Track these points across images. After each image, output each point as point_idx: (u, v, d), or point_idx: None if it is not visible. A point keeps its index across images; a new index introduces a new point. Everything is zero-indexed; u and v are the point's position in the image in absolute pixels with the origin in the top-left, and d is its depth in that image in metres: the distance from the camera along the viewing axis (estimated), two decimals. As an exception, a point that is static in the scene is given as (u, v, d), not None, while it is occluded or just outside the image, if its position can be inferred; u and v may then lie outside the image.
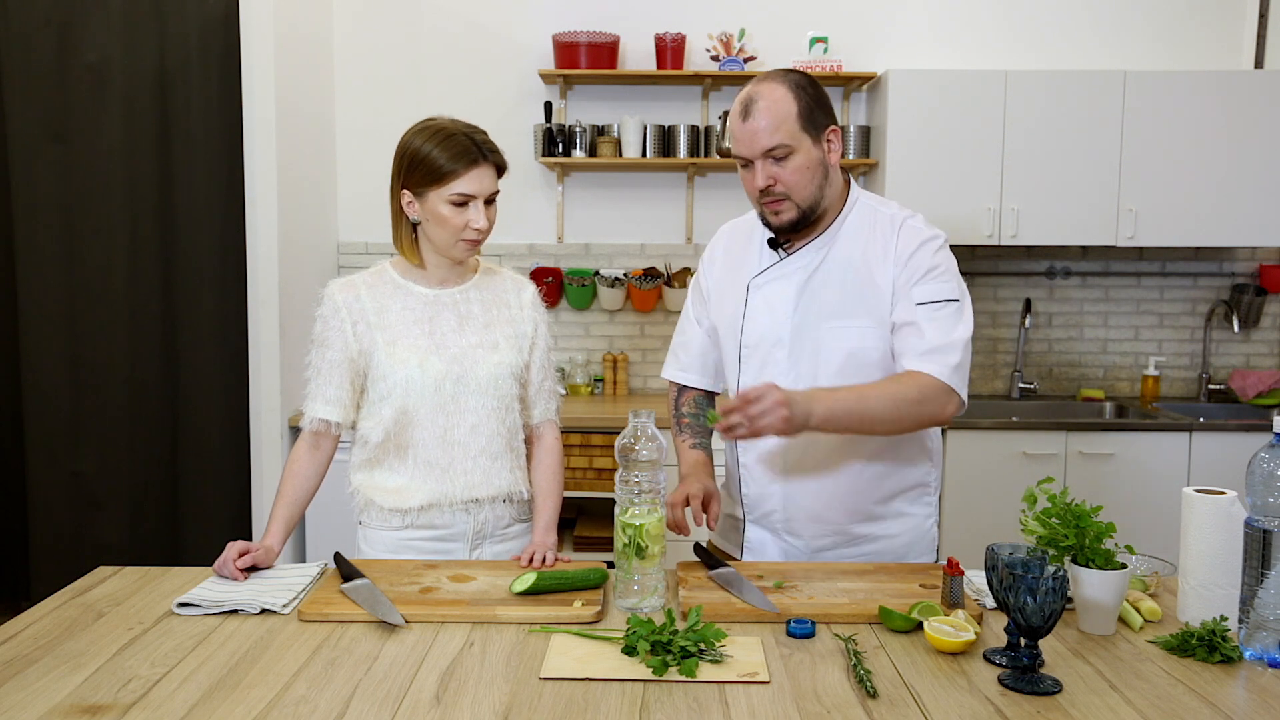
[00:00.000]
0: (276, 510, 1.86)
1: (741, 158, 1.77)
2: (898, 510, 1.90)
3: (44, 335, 3.59)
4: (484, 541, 1.93)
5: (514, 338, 1.93)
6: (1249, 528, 1.41)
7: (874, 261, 1.79)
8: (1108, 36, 4.06)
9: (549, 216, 4.14)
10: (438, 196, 1.79)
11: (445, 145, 1.78)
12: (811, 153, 1.74)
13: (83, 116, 3.53)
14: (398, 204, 1.86)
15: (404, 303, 1.89)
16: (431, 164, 1.78)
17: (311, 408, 1.88)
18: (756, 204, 1.81)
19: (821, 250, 1.82)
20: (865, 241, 1.81)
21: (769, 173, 1.73)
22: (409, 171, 1.81)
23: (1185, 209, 3.75)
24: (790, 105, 1.72)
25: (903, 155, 3.74)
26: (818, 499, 1.85)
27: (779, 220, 1.78)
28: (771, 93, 1.73)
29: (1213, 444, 3.57)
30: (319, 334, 1.89)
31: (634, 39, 4.01)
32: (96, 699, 1.28)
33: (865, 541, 1.89)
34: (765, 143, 1.72)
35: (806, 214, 1.77)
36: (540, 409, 1.99)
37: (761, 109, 1.72)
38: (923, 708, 1.26)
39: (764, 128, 1.71)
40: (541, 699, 1.28)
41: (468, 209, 1.80)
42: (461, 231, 1.81)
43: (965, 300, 1.78)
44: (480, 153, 1.79)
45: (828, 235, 1.83)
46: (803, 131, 1.73)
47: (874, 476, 1.86)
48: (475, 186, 1.79)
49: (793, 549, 1.89)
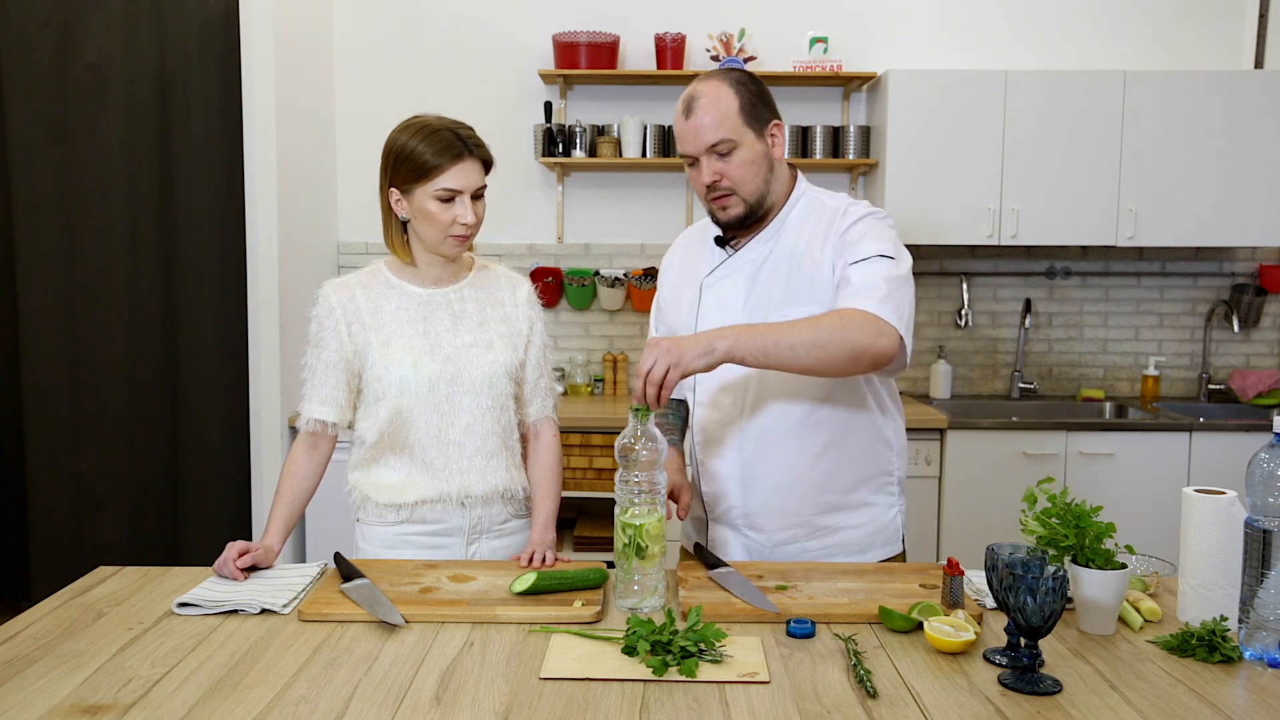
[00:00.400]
0: (275, 510, 1.86)
1: (688, 155, 1.80)
2: (861, 500, 1.90)
3: (44, 335, 3.59)
4: (481, 537, 1.93)
5: (508, 336, 1.93)
6: (1249, 528, 1.41)
7: (816, 248, 1.81)
8: (1108, 36, 4.06)
9: (549, 216, 4.14)
10: (424, 193, 1.79)
11: (430, 141, 1.78)
12: (755, 147, 1.77)
13: (83, 116, 3.53)
14: (386, 202, 1.86)
15: (398, 303, 1.89)
16: (416, 160, 1.78)
17: (308, 409, 1.88)
18: (705, 200, 1.83)
19: (769, 243, 1.85)
20: (810, 230, 1.83)
21: (714, 168, 1.76)
22: (395, 169, 1.81)
23: (1185, 209, 3.75)
24: (732, 101, 1.75)
25: (903, 155, 3.74)
26: (776, 492, 1.86)
27: (727, 215, 1.81)
28: (713, 90, 1.76)
29: (1213, 444, 3.57)
30: (314, 335, 1.89)
31: (634, 39, 4.01)
32: (96, 699, 1.28)
33: (828, 533, 1.89)
34: (709, 138, 1.75)
35: (754, 208, 1.80)
36: (537, 406, 1.99)
37: (704, 105, 1.75)
38: (923, 708, 1.26)
39: (707, 124, 1.74)
40: (541, 699, 1.28)
41: (454, 204, 1.80)
42: (449, 227, 1.81)
43: (900, 259, 1.76)
44: (465, 147, 1.79)
45: (773, 227, 1.85)
46: (746, 126, 1.76)
47: (832, 466, 1.86)
48: (461, 181, 1.79)
49: (755, 544, 1.90)
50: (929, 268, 4.13)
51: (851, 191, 4.06)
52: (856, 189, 4.06)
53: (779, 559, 1.88)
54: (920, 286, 4.14)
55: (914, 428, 3.56)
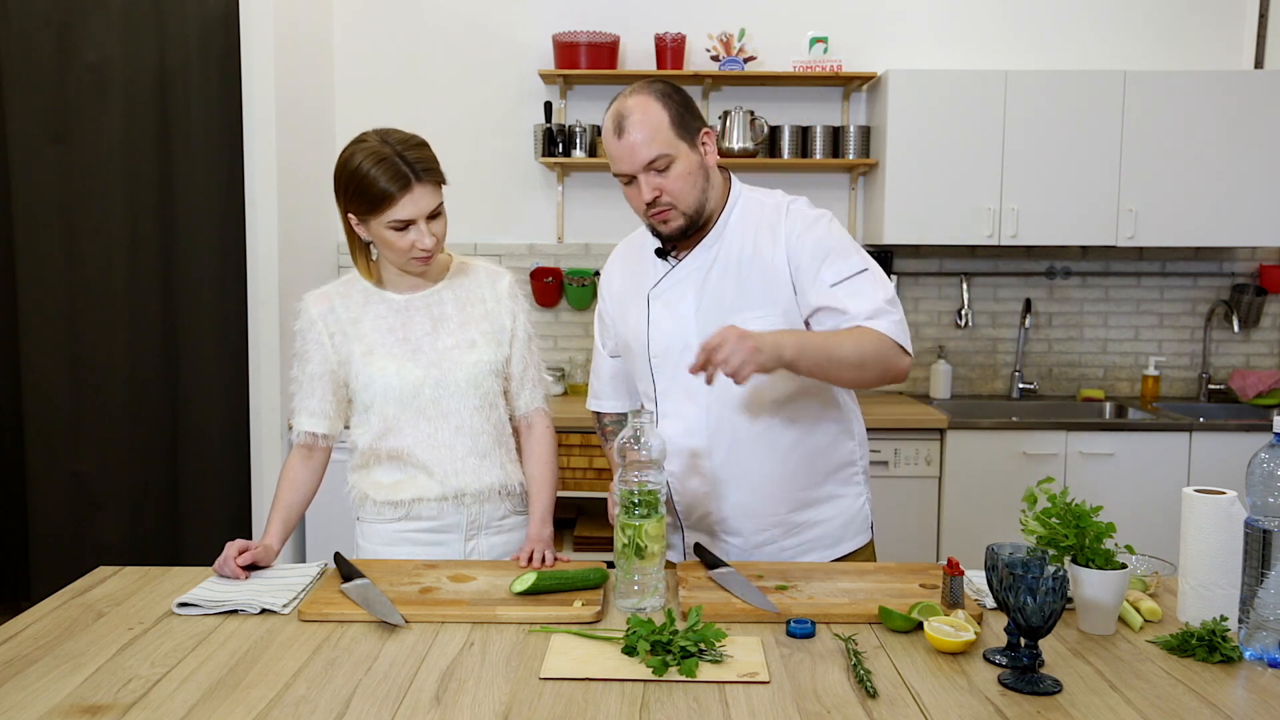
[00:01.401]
0: (274, 513, 1.87)
1: (624, 174, 1.77)
2: (830, 493, 1.91)
3: (44, 335, 3.59)
4: (479, 533, 1.93)
5: (491, 333, 1.92)
6: (1249, 528, 1.41)
7: (764, 247, 1.81)
8: (1108, 36, 4.06)
9: (549, 216, 4.14)
10: (379, 224, 1.77)
11: (377, 170, 1.73)
12: (690, 158, 1.76)
13: (83, 116, 3.53)
14: (348, 224, 1.85)
15: (376, 311, 1.89)
16: (367, 191, 1.74)
17: (299, 421, 1.89)
18: (644, 217, 1.82)
19: (712, 249, 1.84)
20: (754, 231, 1.83)
21: (653, 184, 1.74)
22: (348, 198, 1.79)
23: (1185, 209, 3.75)
24: (661, 114, 1.73)
25: (903, 155, 3.73)
26: (751, 494, 1.86)
27: (669, 229, 1.79)
28: (642, 105, 1.74)
29: (1213, 444, 3.57)
30: (299, 348, 1.89)
31: (634, 39, 4.01)
32: (96, 699, 1.28)
33: (804, 529, 1.90)
34: (645, 155, 1.73)
35: (694, 219, 1.79)
36: (526, 399, 1.97)
37: (635, 123, 1.72)
38: (923, 708, 1.26)
39: (641, 141, 1.72)
40: (541, 699, 1.28)
41: (409, 232, 1.78)
42: (410, 251, 1.79)
43: (873, 266, 1.79)
44: (414, 174, 1.75)
45: (714, 233, 1.84)
46: (678, 139, 1.74)
47: (801, 462, 1.87)
48: (412, 210, 1.75)
49: (732, 548, 1.90)
50: (929, 268, 4.13)
51: (851, 191, 4.06)
52: (856, 189, 4.06)
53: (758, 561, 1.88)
54: (920, 286, 4.15)
55: (914, 428, 3.56)
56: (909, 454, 3.56)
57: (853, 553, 1.95)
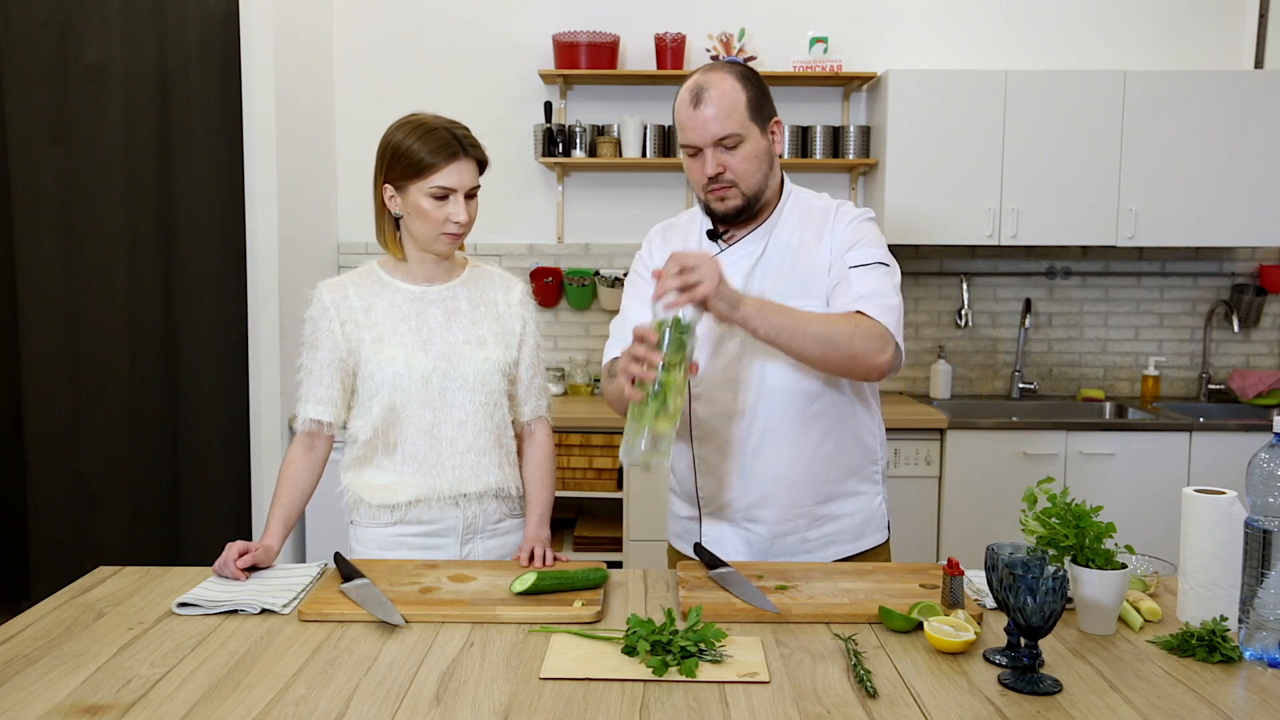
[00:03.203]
0: (274, 511, 1.86)
1: (692, 145, 1.79)
2: (853, 489, 1.92)
3: (44, 335, 3.59)
4: (475, 536, 1.93)
5: (501, 334, 1.93)
6: (1249, 528, 1.41)
7: (810, 245, 1.83)
8: (1108, 36, 4.06)
9: (549, 216, 4.14)
10: (418, 190, 1.80)
11: (426, 139, 1.79)
12: (759, 142, 1.79)
13: (83, 116, 3.53)
14: (380, 198, 1.88)
15: (391, 300, 1.90)
16: (412, 157, 1.79)
17: (304, 409, 1.89)
18: (701, 191, 1.83)
19: (762, 239, 1.86)
20: (802, 228, 1.85)
21: (719, 160, 1.76)
22: (390, 165, 1.83)
23: (1185, 209, 3.75)
24: (740, 94, 1.76)
25: (903, 155, 3.73)
26: (778, 483, 1.86)
27: (724, 206, 1.81)
28: (721, 82, 1.76)
29: (1213, 444, 3.57)
30: (309, 335, 1.91)
31: (634, 39, 4.01)
32: (96, 699, 1.28)
33: (827, 521, 1.90)
34: (716, 131, 1.74)
35: (751, 202, 1.81)
36: (531, 406, 1.99)
37: (712, 97, 1.74)
38: (923, 708, 1.26)
39: (714, 115, 1.74)
40: (541, 699, 1.28)
41: (448, 203, 1.81)
42: (442, 225, 1.82)
43: (894, 266, 1.82)
44: (461, 147, 1.80)
45: (767, 225, 1.86)
46: (751, 121, 1.77)
47: (829, 455, 1.88)
48: (455, 180, 1.80)
49: (754, 537, 1.90)
50: (929, 268, 4.13)
51: (851, 192, 4.06)
52: (856, 189, 4.06)
53: (778, 551, 1.89)
54: (920, 286, 4.15)
55: (914, 428, 3.56)
56: (909, 454, 3.56)
57: (871, 549, 1.95)
